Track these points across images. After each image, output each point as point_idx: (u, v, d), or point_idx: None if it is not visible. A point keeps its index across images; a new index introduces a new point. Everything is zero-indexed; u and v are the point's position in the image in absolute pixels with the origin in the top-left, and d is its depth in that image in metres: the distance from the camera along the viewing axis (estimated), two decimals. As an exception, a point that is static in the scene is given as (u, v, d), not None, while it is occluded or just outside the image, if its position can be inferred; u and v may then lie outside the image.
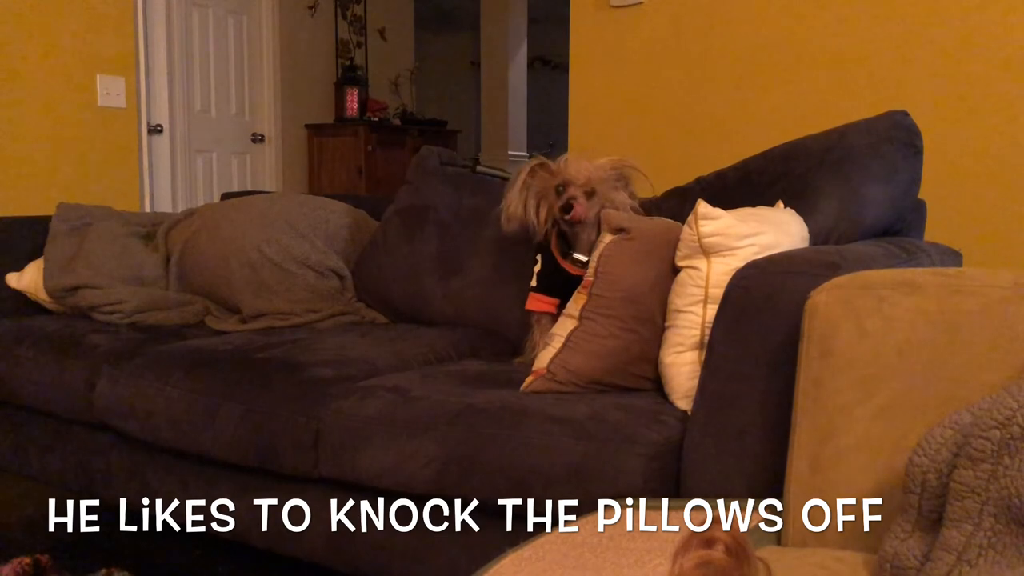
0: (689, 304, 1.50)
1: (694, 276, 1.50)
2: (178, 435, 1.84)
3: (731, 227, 1.49)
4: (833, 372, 1.12)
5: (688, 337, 1.50)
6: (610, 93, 3.09)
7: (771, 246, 1.49)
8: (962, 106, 2.42)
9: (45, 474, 2.18)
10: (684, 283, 1.52)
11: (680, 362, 1.50)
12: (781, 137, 1.92)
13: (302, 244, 2.40)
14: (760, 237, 1.50)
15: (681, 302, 1.52)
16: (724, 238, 1.48)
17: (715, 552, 0.59)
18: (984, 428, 0.86)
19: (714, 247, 1.48)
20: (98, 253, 2.42)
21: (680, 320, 1.51)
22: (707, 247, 1.49)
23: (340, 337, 2.09)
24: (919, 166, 1.78)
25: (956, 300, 1.07)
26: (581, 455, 1.41)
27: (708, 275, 1.48)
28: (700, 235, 1.49)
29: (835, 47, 2.63)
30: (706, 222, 1.49)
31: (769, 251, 1.47)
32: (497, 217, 2.15)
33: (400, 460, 1.55)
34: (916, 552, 0.91)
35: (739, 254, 1.47)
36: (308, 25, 5.51)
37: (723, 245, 1.48)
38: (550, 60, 8.81)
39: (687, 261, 1.52)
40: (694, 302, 1.50)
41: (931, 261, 1.63)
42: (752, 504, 1.25)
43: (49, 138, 3.75)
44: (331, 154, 5.55)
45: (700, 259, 1.50)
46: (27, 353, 2.14)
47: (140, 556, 2.17)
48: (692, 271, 1.51)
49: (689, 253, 1.52)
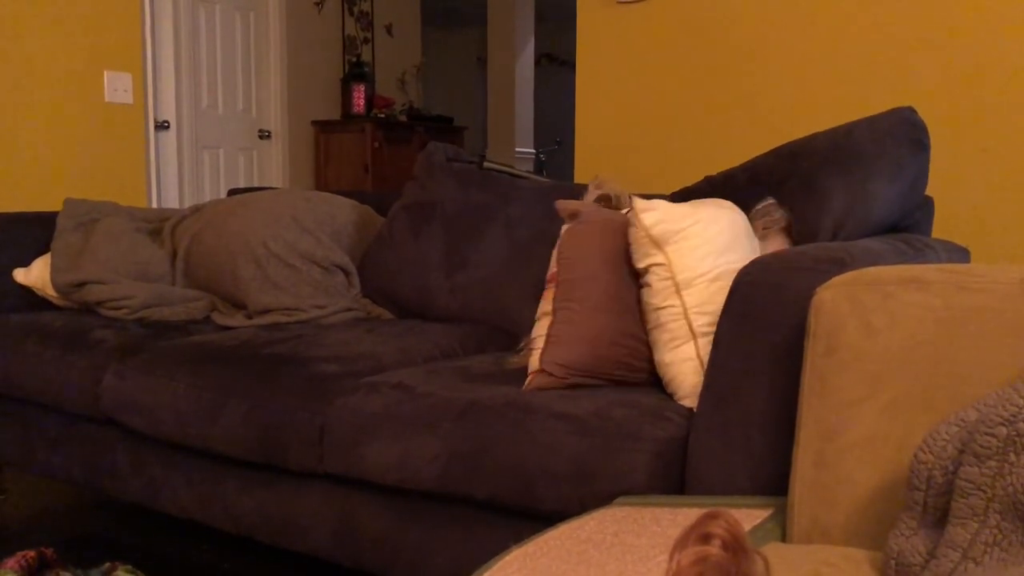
0: (665, 299, 1.52)
1: (658, 271, 1.53)
2: (184, 430, 1.85)
3: (670, 210, 1.53)
4: (839, 368, 1.11)
5: (677, 330, 1.50)
6: (617, 90, 3.09)
7: (714, 219, 1.54)
8: (970, 102, 2.42)
9: (51, 469, 2.19)
10: (652, 282, 1.54)
11: (680, 358, 1.50)
12: (789, 133, 1.92)
13: (308, 240, 2.40)
14: (699, 213, 1.54)
15: (657, 300, 1.53)
16: (669, 223, 1.51)
17: (712, 548, 0.59)
18: (990, 425, 0.85)
19: (664, 235, 1.52)
20: (105, 249, 2.42)
21: (663, 316, 1.52)
22: (657, 237, 1.52)
23: (346, 333, 2.10)
24: (926, 163, 1.77)
25: (962, 297, 1.07)
26: (586, 452, 1.40)
27: (671, 264, 1.51)
28: (647, 228, 1.53)
29: (843, 44, 2.62)
30: (646, 214, 1.53)
31: (716, 224, 1.53)
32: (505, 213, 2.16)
33: (405, 456, 1.56)
34: (921, 549, 0.90)
35: (689, 235, 1.51)
36: (315, 21, 5.52)
37: (671, 230, 1.51)
38: (557, 57, 8.81)
39: (647, 260, 1.55)
40: (669, 295, 1.51)
41: (938, 258, 1.63)
42: (757, 500, 1.24)
43: (56, 134, 3.76)
44: (338, 150, 5.56)
45: (657, 253, 1.53)
46: (34, 348, 2.15)
47: (145, 550, 2.17)
48: (655, 267, 1.53)
49: (645, 251, 1.55)
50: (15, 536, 2.24)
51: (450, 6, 8.09)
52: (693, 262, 1.50)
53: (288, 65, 5.28)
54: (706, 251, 1.51)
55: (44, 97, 3.71)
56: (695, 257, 1.50)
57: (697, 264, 1.50)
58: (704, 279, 1.49)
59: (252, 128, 5.13)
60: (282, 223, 2.41)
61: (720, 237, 1.53)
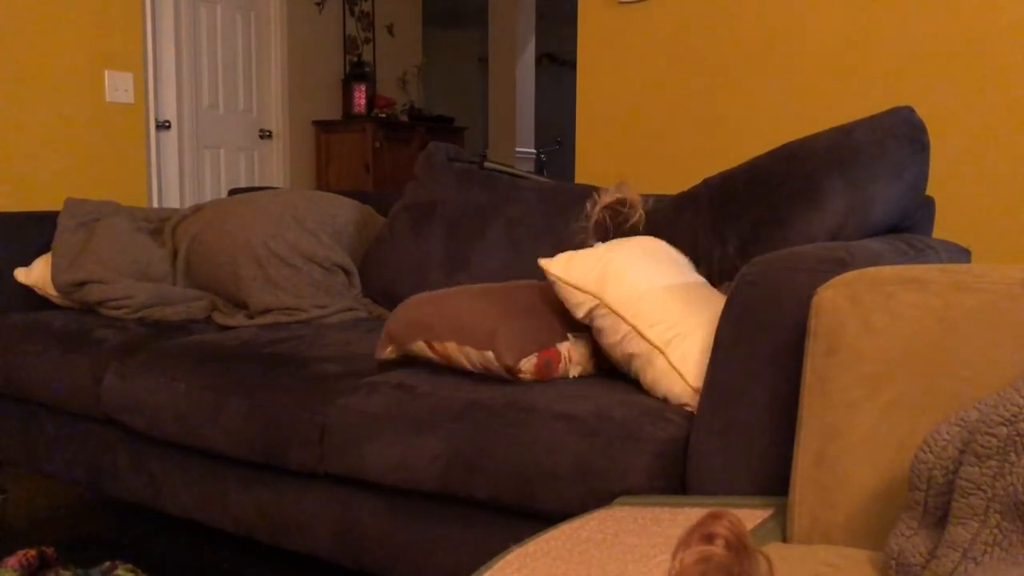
0: (617, 331, 1.54)
1: (599, 312, 1.55)
2: (184, 430, 1.85)
3: (575, 256, 1.58)
4: (839, 369, 1.11)
5: (643, 351, 1.51)
6: (618, 90, 3.09)
7: (621, 244, 1.61)
8: (969, 102, 2.41)
9: (53, 468, 2.19)
10: (600, 325, 1.56)
11: (660, 373, 1.49)
12: (788, 133, 1.91)
13: (309, 240, 2.40)
14: (606, 247, 1.59)
15: (613, 337, 1.55)
16: (581, 266, 1.56)
17: (715, 547, 0.59)
18: (991, 425, 0.85)
19: (583, 278, 1.55)
20: (106, 248, 2.43)
21: (627, 347, 1.53)
22: (577, 283, 1.56)
23: (346, 333, 2.10)
24: (926, 163, 1.77)
25: (963, 297, 1.06)
26: (586, 452, 1.41)
27: (604, 298, 1.53)
28: (563, 278, 1.57)
29: (842, 43, 2.62)
30: (554, 266, 1.58)
31: (625, 247, 1.59)
32: (505, 213, 2.15)
33: (405, 456, 1.56)
34: (922, 549, 0.90)
35: (608, 266, 1.54)
36: (316, 21, 5.52)
37: (586, 270, 1.55)
38: (558, 57, 8.81)
39: (583, 307, 1.57)
40: (618, 326, 1.53)
41: (939, 258, 1.62)
42: (757, 501, 1.24)
43: (57, 134, 3.76)
44: (338, 150, 5.56)
45: (586, 296, 1.55)
46: (35, 347, 2.15)
47: (145, 550, 2.17)
48: (595, 310, 1.56)
49: (576, 301, 1.57)
50: (16, 535, 2.25)
51: (451, 6, 8.09)
52: (625, 288, 1.53)
53: (289, 65, 5.28)
54: (631, 273, 1.54)
55: (45, 97, 3.71)
56: (624, 283, 1.53)
57: (629, 288, 1.52)
58: (642, 296, 1.51)
59: (253, 128, 5.13)
60: (283, 223, 2.41)
61: (636, 257, 1.57)
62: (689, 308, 1.51)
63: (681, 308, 1.51)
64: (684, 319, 1.49)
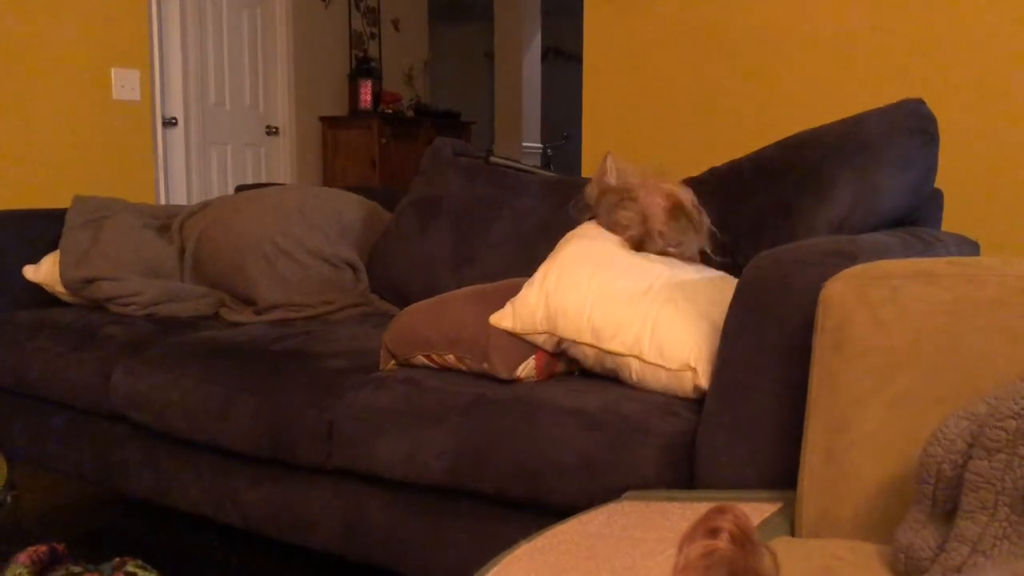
0: (588, 356, 1.55)
1: (568, 345, 1.57)
2: (193, 426, 1.85)
3: (517, 303, 1.59)
4: (847, 362, 1.11)
5: (622, 365, 1.52)
6: (624, 83, 3.08)
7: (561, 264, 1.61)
8: (979, 94, 2.40)
9: (62, 464, 2.20)
10: (574, 355, 1.58)
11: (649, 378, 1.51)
12: (796, 125, 1.91)
13: (316, 236, 2.40)
14: (540, 280, 1.60)
15: (587, 362, 1.57)
16: (521, 314, 1.58)
17: (720, 541, 0.59)
18: (1000, 418, 0.85)
19: (532, 324, 1.57)
20: (113, 245, 2.43)
21: (608, 366, 1.54)
22: (523, 331, 1.58)
23: (354, 328, 2.10)
24: (935, 155, 1.76)
25: (971, 290, 1.06)
26: (594, 446, 1.40)
27: (558, 331, 1.55)
28: (522, 331, 1.58)
29: (851, 35, 2.61)
30: (505, 323, 1.59)
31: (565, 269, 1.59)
32: (512, 208, 2.14)
33: (413, 451, 1.56)
34: (931, 543, 0.90)
35: (553, 306, 1.55)
36: (322, 17, 5.52)
37: (528, 312, 1.57)
38: (564, 51, 8.79)
39: (557, 345, 1.58)
40: (586, 351, 1.55)
41: (948, 251, 1.62)
42: (765, 495, 1.24)
43: (64, 131, 3.77)
44: (345, 146, 5.56)
45: (550, 337, 1.57)
46: (44, 345, 2.15)
47: (155, 546, 2.18)
48: (563, 346, 1.57)
49: (543, 342, 1.58)
50: (26, 531, 2.26)
51: (457, 1, 8.09)
52: (571, 316, 1.53)
53: (295, 61, 5.28)
54: (571, 298, 1.54)
55: (52, 95, 3.72)
56: (569, 312, 1.54)
57: (575, 314, 1.53)
58: (590, 316, 1.52)
59: (260, 124, 5.14)
60: (290, 219, 2.41)
61: (572, 273, 1.57)
62: (637, 306, 1.51)
63: (629, 310, 1.51)
64: (635, 315, 1.50)
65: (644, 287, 1.53)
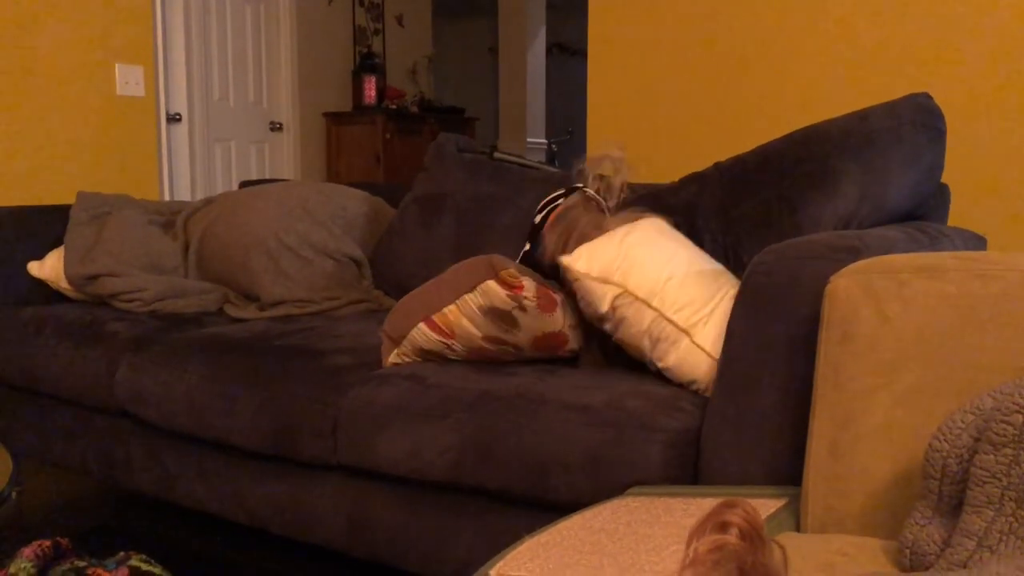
0: (642, 319, 1.53)
1: (623, 300, 1.54)
2: (197, 422, 1.85)
3: (595, 248, 1.56)
4: (853, 357, 1.11)
5: (668, 334, 1.51)
6: (628, 78, 3.07)
7: (627, 230, 1.58)
8: (986, 88, 2.39)
9: (67, 460, 2.20)
10: (624, 314, 1.55)
11: (684, 353, 1.50)
12: (801, 120, 1.90)
13: (320, 232, 2.40)
14: (622, 236, 1.57)
15: (637, 326, 1.54)
16: (602, 258, 1.55)
17: (729, 536, 0.58)
18: (1006, 413, 0.85)
19: (606, 270, 1.54)
20: (118, 241, 2.43)
21: (653, 332, 1.53)
22: (600, 275, 1.54)
23: (358, 324, 2.10)
24: (942, 150, 1.75)
25: (978, 284, 1.06)
26: (599, 442, 1.40)
27: (627, 286, 1.53)
28: (586, 273, 1.55)
29: (857, 29, 2.60)
30: (577, 262, 1.56)
31: (641, 233, 1.57)
32: (516, 204, 2.13)
33: (418, 447, 1.56)
34: (936, 538, 0.90)
35: (633, 261, 1.53)
36: (325, 13, 5.51)
37: (608, 261, 1.54)
38: (568, 46, 8.78)
39: (607, 300, 1.56)
40: (643, 312, 1.53)
41: (954, 246, 1.61)
42: (771, 490, 1.24)
43: (68, 127, 3.77)
44: (349, 142, 5.56)
45: (611, 287, 1.54)
46: (49, 341, 2.16)
47: (159, 541, 2.19)
48: (618, 299, 1.55)
49: (600, 293, 1.56)
50: (31, 526, 2.26)
51: (460, -4, 8.08)
52: (649, 275, 1.53)
53: (299, 57, 5.28)
54: (652, 260, 1.53)
55: (56, 90, 3.72)
56: (647, 271, 1.53)
57: (653, 274, 1.52)
58: (665, 282, 1.52)
59: (264, 120, 5.13)
60: (294, 215, 2.41)
61: (653, 242, 1.56)
62: (709, 292, 1.52)
63: (702, 292, 1.52)
64: (706, 303, 1.50)
65: (718, 280, 1.56)
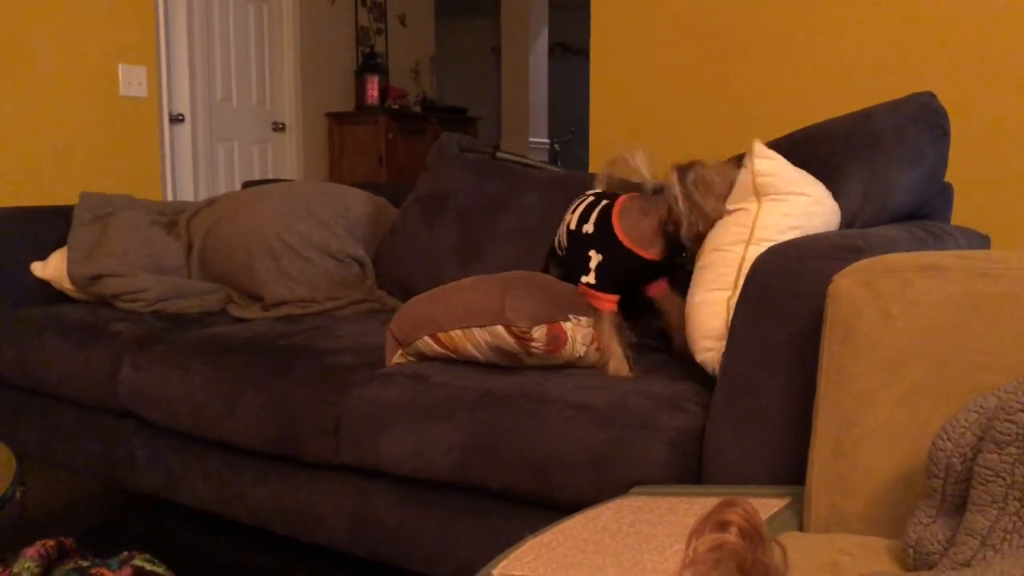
0: (731, 243, 1.50)
1: (742, 217, 1.51)
2: (200, 422, 1.85)
3: (783, 169, 1.51)
4: (856, 357, 1.10)
5: (724, 276, 1.48)
6: (632, 78, 3.07)
7: (819, 200, 1.52)
8: (990, 88, 2.39)
9: (70, 460, 2.20)
10: (728, 224, 1.52)
11: (711, 300, 1.48)
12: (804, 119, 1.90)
13: (323, 232, 2.40)
14: (810, 188, 1.52)
15: (722, 240, 1.51)
16: (776, 179, 1.50)
17: (729, 535, 0.58)
18: (1010, 411, 0.84)
19: (766, 187, 1.50)
20: (121, 242, 2.43)
21: (717, 258, 1.50)
22: (760, 187, 1.50)
23: (361, 324, 2.10)
24: (946, 149, 1.75)
25: (981, 283, 1.05)
26: (602, 442, 1.40)
27: (757, 215, 1.49)
28: (755, 172, 1.50)
29: (861, 27, 2.59)
30: (761, 160, 1.51)
31: (817, 205, 1.50)
32: (518, 203, 2.12)
33: (420, 446, 1.56)
34: (940, 537, 0.90)
35: (790, 201, 1.49)
36: (328, 13, 5.51)
37: (774, 187, 1.49)
38: (571, 46, 8.78)
39: (739, 203, 1.53)
40: (737, 241, 1.49)
41: (958, 245, 1.61)
42: (774, 490, 1.24)
43: (71, 128, 3.78)
44: (352, 142, 5.56)
45: (752, 200, 1.51)
46: (52, 341, 2.16)
47: (162, 541, 2.19)
48: (741, 212, 1.51)
49: (743, 195, 1.53)
50: (35, 526, 2.26)
51: (463, -4, 8.07)
52: (778, 226, 1.48)
53: (302, 57, 5.28)
54: (794, 223, 1.49)
55: (59, 91, 3.72)
56: (782, 224, 1.48)
57: (780, 229, 1.48)
58: (774, 239, 1.46)
59: (266, 120, 5.14)
60: (297, 215, 2.41)
61: (814, 219, 1.51)
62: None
63: None
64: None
65: None
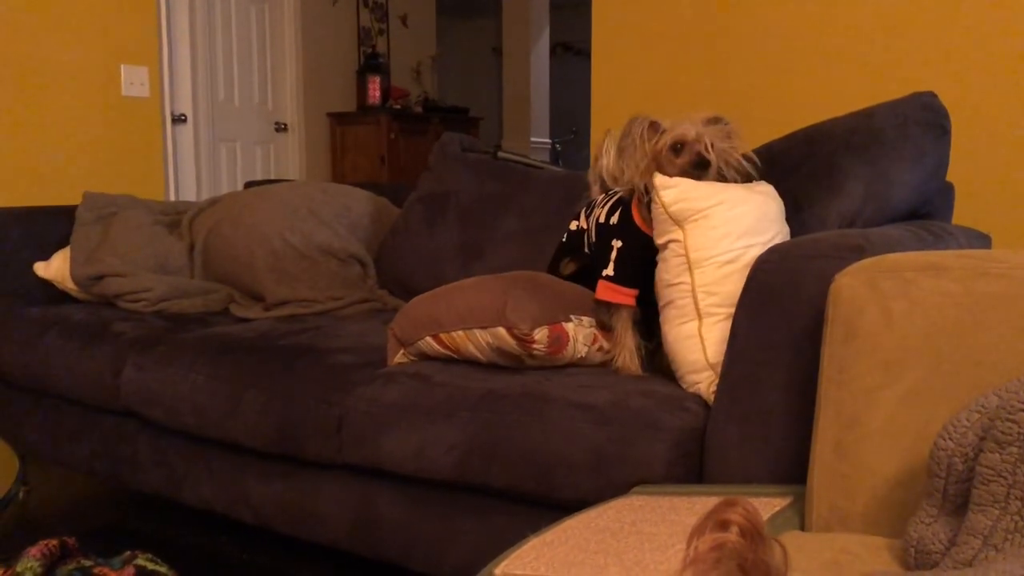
0: (676, 275, 1.51)
1: (674, 248, 1.52)
2: (203, 422, 1.86)
3: (691, 189, 1.52)
4: (858, 356, 1.10)
5: (685, 308, 1.50)
6: (633, 78, 3.07)
7: (740, 200, 1.52)
8: (991, 87, 2.39)
9: (74, 460, 2.21)
10: (667, 258, 1.54)
11: (684, 335, 1.49)
12: (807, 119, 1.89)
13: (325, 232, 2.40)
14: (723, 195, 1.52)
15: (669, 276, 1.53)
16: (689, 202, 1.50)
17: (729, 535, 0.58)
18: (1011, 411, 0.85)
19: (682, 214, 1.51)
20: (123, 242, 2.44)
21: (674, 293, 1.52)
22: (675, 215, 1.51)
23: (363, 324, 2.10)
24: (947, 148, 1.75)
25: (983, 283, 1.05)
26: (604, 441, 1.40)
27: (686, 241, 1.50)
28: (666, 205, 1.52)
29: (862, 28, 2.59)
30: (666, 191, 1.52)
31: (740, 206, 1.50)
32: (520, 203, 2.13)
33: (422, 446, 1.56)
34: (941, 537, 0.90)
35: (709, 215, 1.49)
36: (330, 13, 5.52)
37: (689, 210, 1.50)
38: (573, 46, 8.77)
39: (665, 237, 1.54)
40: (681, 272, 1.51)
41: (959, 244, 1.61)
42: (775, 489, 1.24)
43: (74, 128, 3.78)
44: (353, 142, 5.56)
45: (676, 230, 1.52)
46: (55, 341, 2.16)
47: (165, 541, 2.19)
48: (672, 244, 1.53)
49: (663, 229, 1.54)
50: (38, 526, 2.27)
51: (465, -4, 8.07)
52: (708, 242, 1.49)
53: (304, 57, 5.28)
54: (723, 232, 1.49)
55: (61, 91, 3.73)
56: (711, 238, 1.49)
57: (712, 245, 1.49)
58: (716, 261, 1.48)
59: (268, 121, 5.14)
60: (299, 215, 2.42)
61: (742, 220, 1.51)
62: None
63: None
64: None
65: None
